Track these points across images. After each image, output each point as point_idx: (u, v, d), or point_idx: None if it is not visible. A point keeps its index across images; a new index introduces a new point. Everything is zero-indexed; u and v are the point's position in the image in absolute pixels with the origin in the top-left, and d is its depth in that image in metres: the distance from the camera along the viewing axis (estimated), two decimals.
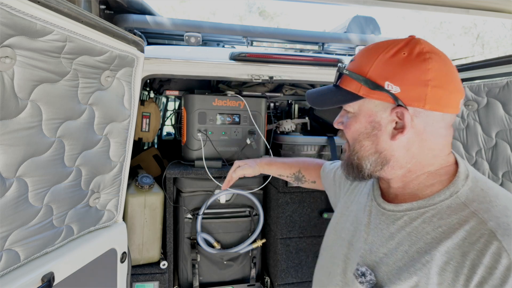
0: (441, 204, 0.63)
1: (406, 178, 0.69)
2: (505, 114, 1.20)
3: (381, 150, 0.67)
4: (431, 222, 0.62)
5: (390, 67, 0.63)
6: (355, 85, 0.66)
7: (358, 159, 0.70)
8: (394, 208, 0.69)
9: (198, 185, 1.71)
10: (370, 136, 0.68)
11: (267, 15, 14.89)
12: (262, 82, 1.61)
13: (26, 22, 0.70)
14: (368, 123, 0.67)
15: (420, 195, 0.67)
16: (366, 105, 0.67)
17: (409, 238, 0.63)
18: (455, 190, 0.63)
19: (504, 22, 10.69)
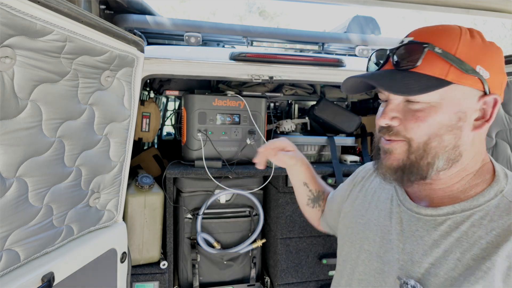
0: (487, 205, 0.58)
1: (456, 178, 0.63)
2: (505, 114, 1.20)
3: (460, 145, 0.59)
4: (482, 225, 0.57)
5: (475, 49, 0.57)
6: (441, 68, 0.57)
7: (432, 158, 0.60)
8: (433, 212, 0.63)
9: (198, 185, 1.71)
10: (453, 129, 0.59)
11: (267, 15, 14.89)
12: (262, 82, 1.61)
13: (26, 22, 0.70)
14: (454, 114, 0.58)
15: (462, 196, 0.62)
16: (452, 92, 0.57)
17: (459, 244, 0.58)
18: (499, 189, 0.59)
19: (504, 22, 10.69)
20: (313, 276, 1.84)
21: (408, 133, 0.60)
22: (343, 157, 1.88)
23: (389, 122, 0.62)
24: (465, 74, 0.56)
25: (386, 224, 0.70)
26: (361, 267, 0.72)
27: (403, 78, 0.58)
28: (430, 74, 0.57)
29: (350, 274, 0.75)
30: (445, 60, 0.57)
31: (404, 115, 0.61)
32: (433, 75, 0.57)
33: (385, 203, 0.74)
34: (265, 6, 14.55)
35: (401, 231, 0.66)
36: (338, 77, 1.60)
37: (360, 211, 0.80)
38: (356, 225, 0.79)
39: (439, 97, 0.58)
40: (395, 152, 0.63)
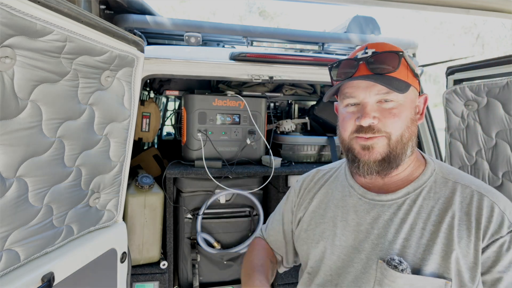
0: (429, 181, 0.74)
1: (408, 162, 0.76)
2: (505, 114, 1.20)
3: (416, 133, 0.76)
4: (430, 198, 0.72)
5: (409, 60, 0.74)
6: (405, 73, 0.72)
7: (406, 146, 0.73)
8: (393, 196, 0.75)
9: (198, 185, 1.71)
10: (414, 121, 0.74)
11: (267, 15, 14.89)
12: (262, 82, 1.61)
13: (26, 22, 0.70)
14: (413, 109, 0.74)
15: (410, 178, 0.76)
16: (410, 92, 0.72)
17: (419, 216, 0.71)
18: (432, 169, 0.76)
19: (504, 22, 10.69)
20: None
21: (387, 128, 0.71)
22: (343, 157, 1.88)
23: (372, 121, 0.71)
24: (415, 78, 0.74)
25: (353, 218, 0.78)
26: (338, 262, 0.77)
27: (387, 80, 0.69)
28: (399, 77, 0.71)
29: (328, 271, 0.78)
30: (407, 66, 0.73)
31: (381, 114, 0.71)
32: (401, 78, 0.71)
33: (343, 200, 0.82)
34: (265, 6, 14.55)
35: (372, 220, 0.75)
36: None
37: (319, 213, 0.85)
38: (318, 226, 0.83)
39: (403, 96, 0.71)
40: (376, 146, 0.72)
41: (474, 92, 1.27)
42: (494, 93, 1.20)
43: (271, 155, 1.70)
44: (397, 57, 0.70)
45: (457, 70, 1.42)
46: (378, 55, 0.71)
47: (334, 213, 0.82)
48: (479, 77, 1.34)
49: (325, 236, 0.81)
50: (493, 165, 1.29)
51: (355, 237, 0.76)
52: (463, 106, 1.33)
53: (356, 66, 0.74)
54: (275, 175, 1.69)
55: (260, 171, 1.68)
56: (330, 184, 0.89)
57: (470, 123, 1.34)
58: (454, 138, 1.42)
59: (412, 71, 0.73)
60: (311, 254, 0.83)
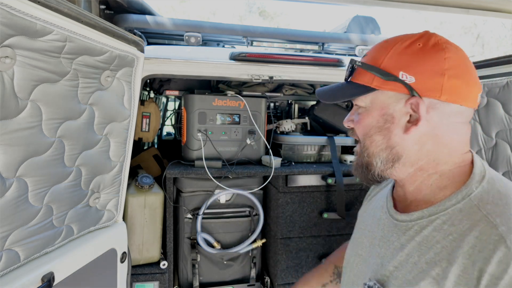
0: (452, 209, 0.58)
1: (417, 178, 0.65)
2: (505, 114, 1.20)
3: (393, 145, 0.63)
4: (442, 230, 0.57)
5: (404, 57, 0.61)
6: (368, 77, 0.64)
7: (369, 156, 0.66)
8: (406, 217, 0.65)
9: (198, 185, 1.71)
10: (382, 130, 0.64)
11: (267, 15, 14.89)
12: (262, 82, 1.61)
13: (26, 22, 0.70)
14: (380, 116, 0.64)
15: (433, 200, 0.62)
16: (379, 97, 0.64)
17: (419, 248, 0.59)
18: (468, 193, 0.58)
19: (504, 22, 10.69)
20: None
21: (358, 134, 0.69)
22: (343, 157, 1.88)
23: (346, 125, 0.71)
24: (386, 81, 0.61)
25: (374, 230, 0.74)
26: (355, 270, 0.76)
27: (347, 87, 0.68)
28: (362, 83, 0.65)
29: (348, 277, 0.79)
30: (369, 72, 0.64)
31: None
32: (364, 83, 0.65)
33: (377, 211, 0.77)
34: (265, 6, 14.55)
35: (382, 236, 0.70)
36: (338, 77, 1.60)
37: (363, 218, 0.84)
38: (357, 231, 0.83)
39: (370, 101, 0.65)
40: (356, 152, 0.71)
41: None
42: (494, 93, 1.20)
43: (271, 155, 1.70)
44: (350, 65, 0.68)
45: None
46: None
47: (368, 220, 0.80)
48: (479, 77, 1.33)
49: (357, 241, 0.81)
50: (493, 165, 1.29)
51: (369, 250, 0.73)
52: None
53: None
54: (275, 175, 1.69)
55: (260, 171, 1.68)
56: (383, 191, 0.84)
57: (470, 123, 1.34)
58: None
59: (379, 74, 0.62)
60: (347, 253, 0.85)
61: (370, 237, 0.74)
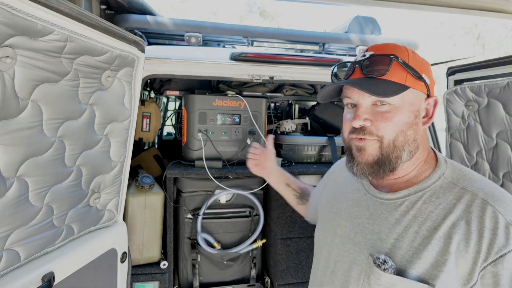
0: (434, 186, 0.72)
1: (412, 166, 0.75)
2: (505, 115, 1.20)
3: (416, 138, 0.73)
4: (431, 202, 0.70)
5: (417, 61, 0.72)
6: (401, 75, 0.70)
7: (400, 151, 0.72)
8: (393, 196, 0.75)
9: (199, 185, 1.71)
10: (412, 126, 0.72)
11: (268, 15, 14.90)
12: (262, 82, 1.61)
13: (27, 22, 0.70)
14: (412, 112, 0.71)
15: (415, 181, 0.74)
16: (409, 95, 0.71)
17: (416, 219, 0.70)
18: (441, 173, 0.73)
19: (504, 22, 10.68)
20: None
21: (379, 132, 0.71)
22: (344, 157, 1.88)
23: (363, 123, 0.72)
24: (417, 80, 0.71)
25: (355, 211, 0.82)
26: (336, 249, 0.83)
27: (377, 84, 0.69)
28: (394, 80, 0.69)
29: (327, 257, 0.86)
30: (404, 69, 0.70)
31: (374, 116, 0.72)
32: (396, 81, 0.69)
33: (352, 193, 0.86)
34: (265, 6, 14.56)
35: (370, 215, 0.78)
36: None
37: (332, 202, 0.91)
38: (329, 214, 0.90)
39: (400, 99, 0.70)
40: (368, 149, 0.73)
41: (475, 92, 1.26)
42: (495, 93, 1.20)
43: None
44: (388, 60, 0.70)
45: (458, 71, 1.42)
46: (371, 59, 0.72)
47: (343, 203, 0.87)
48: (480, 77, 1.34)
49: (332, 223, 0.87)
50: (493, 166, 1.29)
51: (352, 229, 0.80)
52: (463, 107, 1.33)
53: (352, 69, 0.76)
54: None
55: None
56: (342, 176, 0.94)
57: (470, 123, 1.34)
58: (454, 138, 1.42)
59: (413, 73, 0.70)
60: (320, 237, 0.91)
61: (350, 217, 0.82)
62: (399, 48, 0.72)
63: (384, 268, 0.68)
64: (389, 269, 0.67)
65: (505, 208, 0.63)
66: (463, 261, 0.63)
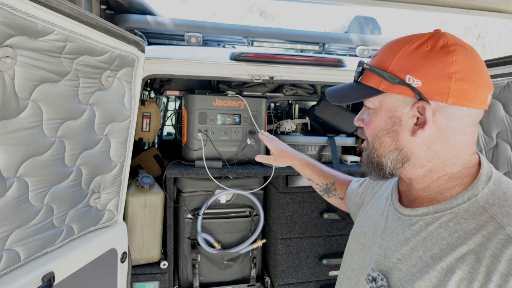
0: (458, 208, 0.60)
1: (427, 179, 0.66)
2: (505, 115, 1.20)
3: (401, 147, 0.65)
4: (447, 227, 0.59)
5: (411, 60, 0.61)
6: (376, 80, 0.65)
7: (378, 157, 0.68)
8: (410, 212, 0.67)
9: (199, 185, 1.71)
10: (390, 132, 0.66)
11: (268, 16, 14.90)
12: (262, 82, 1.61)
13: (27, 22, 0.70)
14: (388, 119, 0.65)
15: (439, 198, 0.64)
16: (387, 100, 0.65)
17: (424, 243, 0.61)
18: (474, 193, 0.60)
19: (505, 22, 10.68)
20: (313, 276, 1.84)
21: (366, 134, 0.72)
22: (344, 157, 1.88)
23: (357, 124, 0.74)
24: (393, 85, 0.62)
25: (378, 221, 0.76)
26: (356, 257, 0.79)
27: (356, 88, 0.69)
28: (370, 84, 0.66)
29: (348, 261, 0.83)
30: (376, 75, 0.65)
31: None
32: (372, 86, 0.66)
33: (382, 202, 0.80)
34: (265, 6, 14.56)
35: (385, 228, 0.72)
36: (339, 78, 1.60)
37: (367, 209, 0.86)
38: (360, 220, 0.85)
39: (378, 104, 0.67)
40: (364, 148, 0.75)
41: None
42: (495, 93, 1.20)
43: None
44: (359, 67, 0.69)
45: None
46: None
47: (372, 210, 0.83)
48: None
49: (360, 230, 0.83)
50: (493, 166, 1.29)
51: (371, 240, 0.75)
52: None
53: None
54: (275, 175, 1.69)
55: (261, 171, 1.68)
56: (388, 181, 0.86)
57: None
58: None
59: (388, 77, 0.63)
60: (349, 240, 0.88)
61: (373, 227, 0.77)
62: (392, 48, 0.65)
63: (370, 286, 0.65)
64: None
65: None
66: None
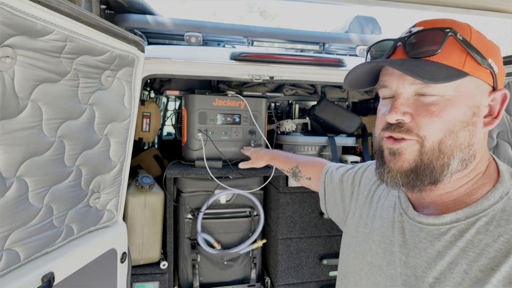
0: (493, 209, 0.53)
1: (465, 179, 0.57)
2: (506, 115, 1.20)
3: (473, 143, 0.54)
4: (488, 232, 0.52)
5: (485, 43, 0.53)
6: (458, 58, 0.52)
7: (448, 158, 0.54)
8: (436, 221, 0.57)
9: (199, 185, 1.71)
10: (468, 125, 0.53)
11: (268, 15, 14.90)
12: (262, 82, 1.61)
13: (27, 22, 0.70)
14: (468, 108, 0.53)
15: (467, 200, 0.56)
16: (466, 85, 0.53)
17: (465, 254, 0.52)
18: (505, 191, 0.54)
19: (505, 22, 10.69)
20: (314, 276, 1.83)
21: (421, 131, 0.54)
22: (344, 157, 1.88)
23: (401, 117, 0.55)
24: (480, 66, 0.52)
25: (389, 235, 0.66)
26: (364, 280, 0.68)
27: (423, 66, 0.52)
28: (448, 63, 0.52)
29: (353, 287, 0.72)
30: (464, 49, 0.52)
31: (416, 110, 0.55)
32: (451, 65, 0.52)
33: (388, 212, 0.69)
34: (265, 6, 14.56)
35: (404, 242, 0.61)
36: (339, 77, 1.60)
37: (365, 220, 0.75)
38: (360, 235, 0.74)
39: (455, 89, 0.53)
40: (405, 152, 0.56)
41: None
42: None
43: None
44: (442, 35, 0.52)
45: None
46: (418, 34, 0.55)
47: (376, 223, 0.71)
48: None
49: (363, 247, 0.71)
50: None
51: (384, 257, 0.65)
52: None
53: (393, 48, 0.59)
54: (275, 175, 1.69)
55: (261, 171, 1.68)
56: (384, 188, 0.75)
57: None
58: None
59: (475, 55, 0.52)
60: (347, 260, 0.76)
61: (382, 242, 0.66)
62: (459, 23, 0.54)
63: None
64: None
65: None
66: None
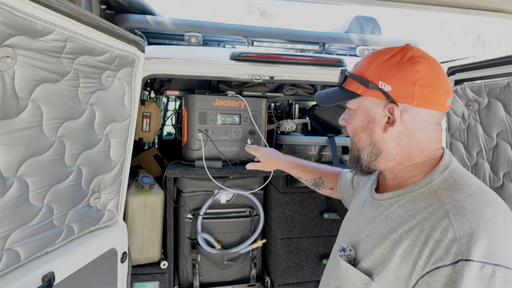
0: (416, 192, 0.72)
1: (395, 170, 0.79)
2: (506, 115, 1.20)
3: (375, 142, 0.77)
4: (404, 207, 0.72)
5: (384, 69, 0.74)
6: (355, 85, 0.77)
7: (358, 151, 0.81)
8: (380, 197, 0.80)
9: (199, 185, 1.71)
10: (366, 130, 0.78)
11: (268, 15, 14.90)
12: (262, 82, 1.61)
13: (27, 22, 0.70)
14: (365, 118, 0.78)
15: (404, 184, 0.77)
16: (364, 102, 0.77)
17: (386, 220, 0.74)
18: (430, 180, 0.72)
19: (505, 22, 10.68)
20: (314, 276, 1.84)
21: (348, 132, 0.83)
22: (344, 157, 1.88)
23: (341, 123, 0.86)
24: (369, 89, 0.75)
25: (358, 207, 0.89)
26: (341, 238, 0.92)
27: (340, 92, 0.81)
28: (350, 89, 0.78)
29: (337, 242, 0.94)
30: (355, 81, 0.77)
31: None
32: (352, 90, 0.78)
33: (365, 191, 0.92)
34: (265, 6, 14.56)
35: (361, 211, 0.85)
36: None
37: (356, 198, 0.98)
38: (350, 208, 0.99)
39: (357, 105, 0.79)
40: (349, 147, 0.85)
41: (475, 92, 1.26)
42: (495, 93, 1.20)
43: None
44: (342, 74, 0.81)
45: (458, 71, 1.42)
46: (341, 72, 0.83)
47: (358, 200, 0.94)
48: (480, 77, 1.34)
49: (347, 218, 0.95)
50: (494, 166, 1.29)
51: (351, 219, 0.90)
52: (463, 107, 1.33)
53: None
54: (275, 175, 1.69)
55: (261, 171, 1.68)
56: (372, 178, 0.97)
57: (471, 123, 1.33)
58: (454, 138, 1.42)
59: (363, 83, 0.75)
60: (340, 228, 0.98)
61: (354, 212, 0.90)
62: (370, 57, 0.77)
63: (340, 255, 0.78)
64: (343, 256, 0.77)
65: (462, 223, 0.60)
66: (405, 265, 0.65)
